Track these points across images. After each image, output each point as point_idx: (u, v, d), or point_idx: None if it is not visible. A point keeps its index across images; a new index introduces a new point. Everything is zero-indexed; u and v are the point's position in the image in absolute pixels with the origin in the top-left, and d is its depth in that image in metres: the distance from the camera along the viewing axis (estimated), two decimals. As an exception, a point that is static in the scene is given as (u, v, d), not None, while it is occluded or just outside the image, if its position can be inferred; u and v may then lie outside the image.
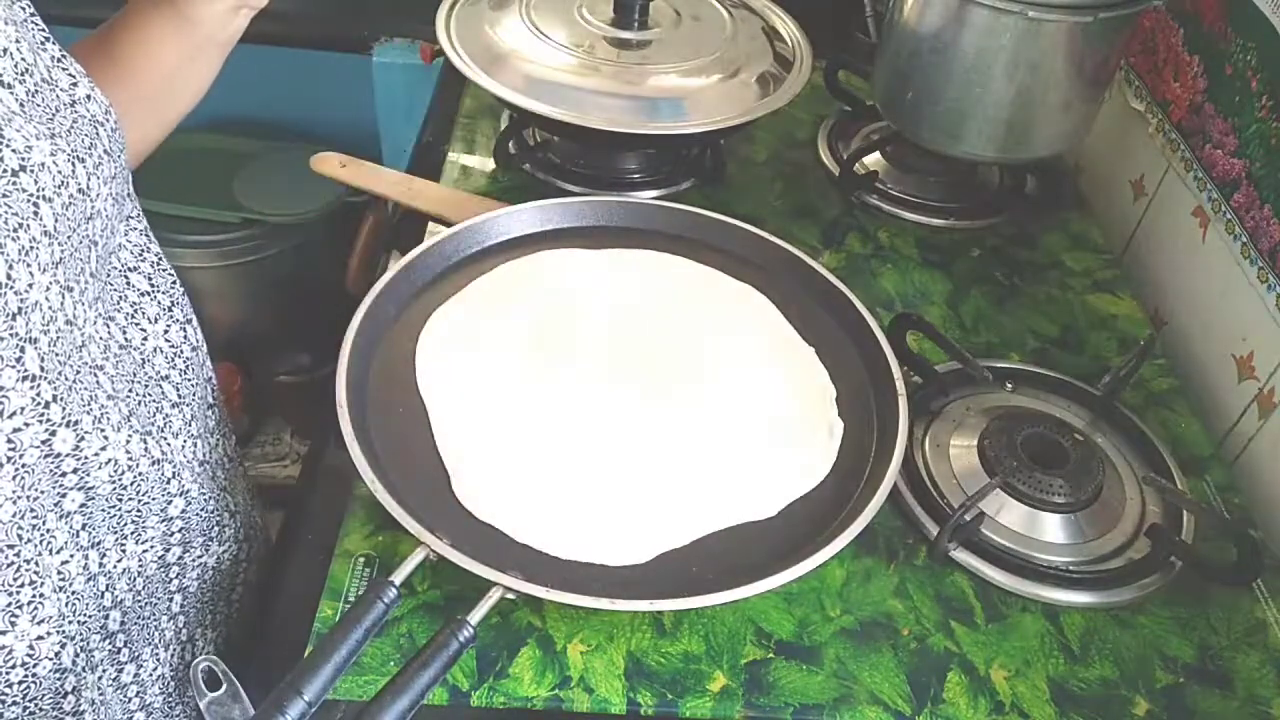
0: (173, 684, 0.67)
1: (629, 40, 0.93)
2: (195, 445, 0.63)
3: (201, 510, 0.64)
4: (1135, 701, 0.60)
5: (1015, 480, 0.68)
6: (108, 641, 0.59)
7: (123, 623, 0.60)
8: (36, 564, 0.50)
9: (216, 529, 0.67)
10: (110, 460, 0.53)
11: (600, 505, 0.63)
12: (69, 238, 0.48)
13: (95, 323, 0.53)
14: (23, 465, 0.47)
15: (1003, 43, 0.84)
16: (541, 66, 0.90)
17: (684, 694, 0.58)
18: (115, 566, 0.58)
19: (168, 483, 0.59)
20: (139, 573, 0.60)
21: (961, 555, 0.66)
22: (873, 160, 1.01)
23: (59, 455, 0.50)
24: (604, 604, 0.55)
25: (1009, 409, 0.75)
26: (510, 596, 0.55)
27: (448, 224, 0.81)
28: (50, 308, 0.47)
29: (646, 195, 0.95)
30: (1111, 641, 0.63)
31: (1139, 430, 0.76)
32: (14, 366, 0.45)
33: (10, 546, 0.48)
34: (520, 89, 0.87)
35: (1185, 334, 0.89)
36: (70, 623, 0.53)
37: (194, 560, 0.65)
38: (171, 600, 0.65)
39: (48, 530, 0.51)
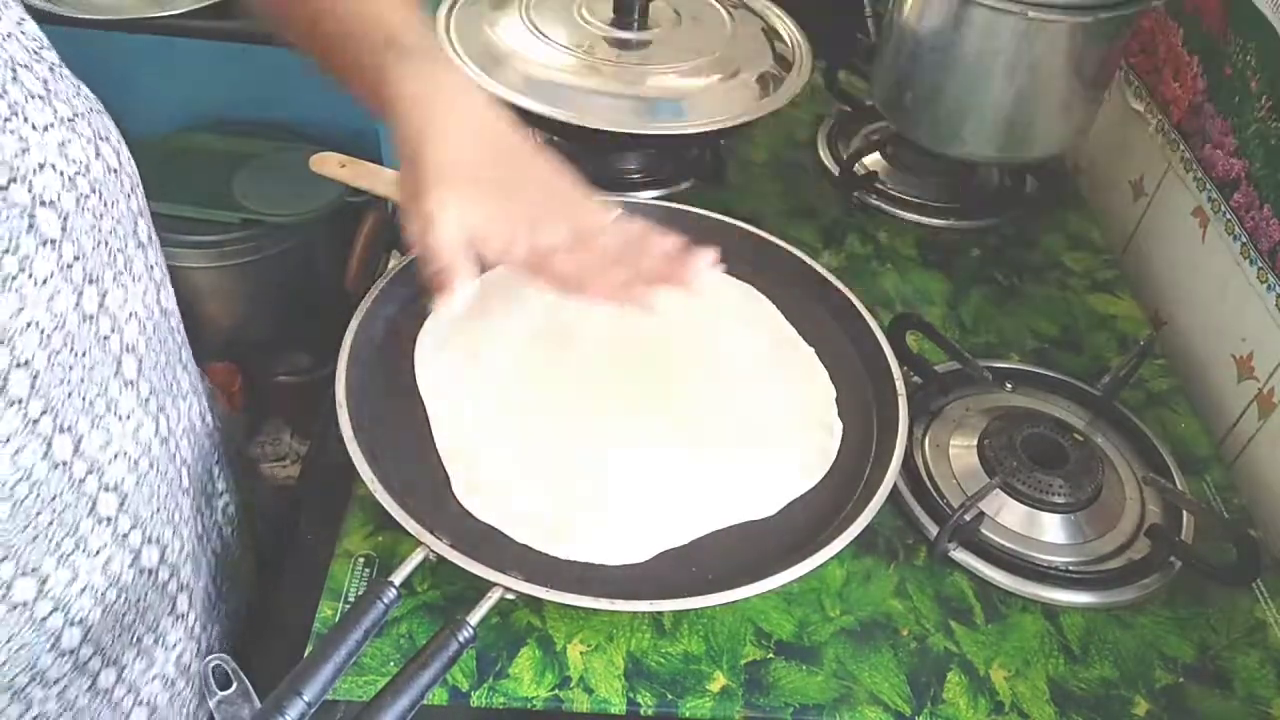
0: (240, 513, 0.69)
1: (629, 40, 0.93)
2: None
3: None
4: (1135, 701, 0.60)
5: (1015, 480, 0.68)
6: (186, 496, 0.59)
7: (189, 473, 0.60)
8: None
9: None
10: (132, 314, 0.52)
11: (600, 505, 0.63)
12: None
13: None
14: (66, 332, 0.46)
15: (1003, 43, 0.84)
16: (541, 67, 0.90)
17: (684, 694, 0.58)
18: (177, 426, 0.58)
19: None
20: (190, 428, 0.60)
21: (961, 555, 0.66)
22: (873, 160, 1.01)
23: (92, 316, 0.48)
24: (604, 604, 0.55)
25: (1009, 409, 0.75)
26: (510, 597, 0.55)
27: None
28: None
29: (646, 195, 0.95)
30: (1111, 641, 0.63)
31: (1139, 430, 0.76)
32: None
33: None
34: (520, 89, 0.87)
35: (1185, 334, 0.90)
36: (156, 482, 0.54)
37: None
38: (216, 454, 0.66)
39: (111, 399, 0.50)
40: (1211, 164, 0.87)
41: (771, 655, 0.61)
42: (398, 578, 0.55)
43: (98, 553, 0.50)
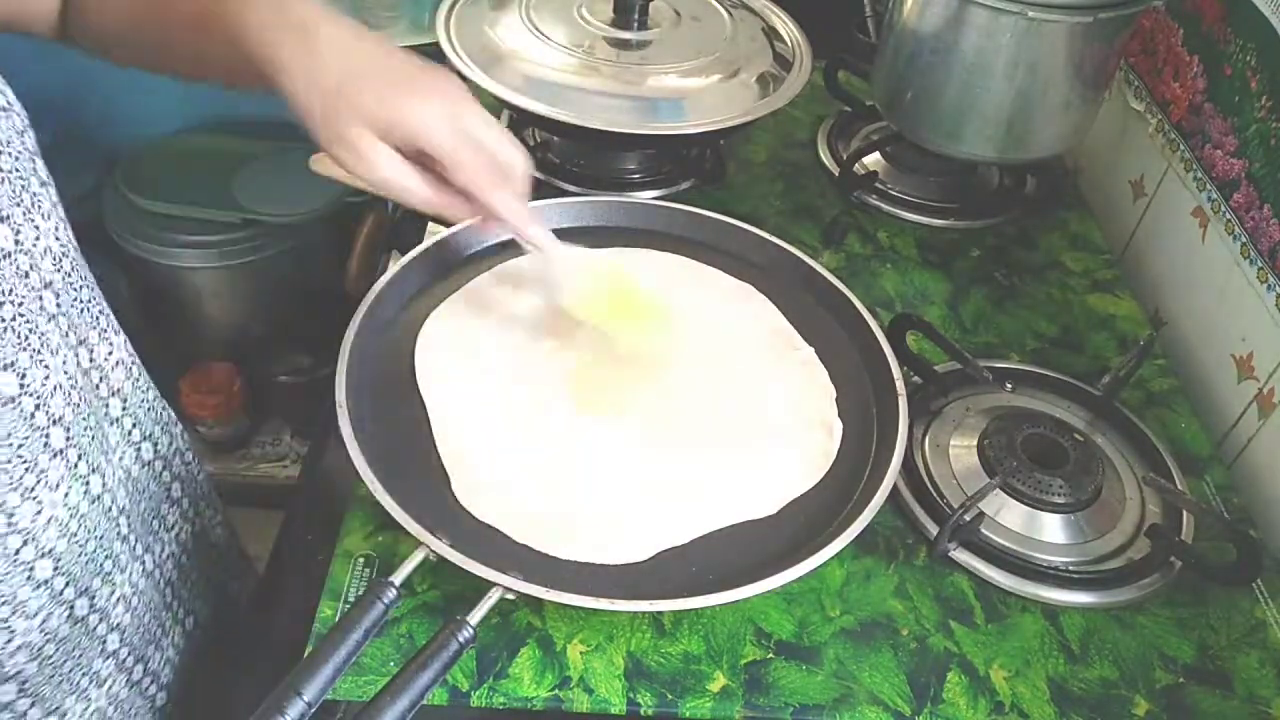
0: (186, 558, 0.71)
1: (629, 40, 0.93)
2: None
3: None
4: (1135, 701, 0.60)
5: (1015, 480, 0.68)
6: (123, 543, 0.61)
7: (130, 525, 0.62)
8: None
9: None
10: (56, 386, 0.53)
11: (600, 505, 0.63)
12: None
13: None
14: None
15: (1003, 43, 0.84)
16: (541, 66, 0.90)
17: (684, 694, 0.58)
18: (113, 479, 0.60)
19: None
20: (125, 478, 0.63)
21: (961, 555, 0.66)
22: (873, 160, 1.01)
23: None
24: (604, 604, 0.55)
25: (1009, 409, 0.75)
26: (510, 597, 0.55)
27: (447, 224, 0.81)
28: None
29: (646, 195, 0.95)
30: (1111, 641, 0.63)
31: (1139, 430, 0.76)
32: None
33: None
34: (520, 89, 0.87)
35: (1185, 334, 0.90)
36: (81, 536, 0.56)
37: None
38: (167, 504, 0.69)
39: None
40: (1211, 164, 0.87)
41: (771, 655, 0.61)
42: (398, 578, 0.55)
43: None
